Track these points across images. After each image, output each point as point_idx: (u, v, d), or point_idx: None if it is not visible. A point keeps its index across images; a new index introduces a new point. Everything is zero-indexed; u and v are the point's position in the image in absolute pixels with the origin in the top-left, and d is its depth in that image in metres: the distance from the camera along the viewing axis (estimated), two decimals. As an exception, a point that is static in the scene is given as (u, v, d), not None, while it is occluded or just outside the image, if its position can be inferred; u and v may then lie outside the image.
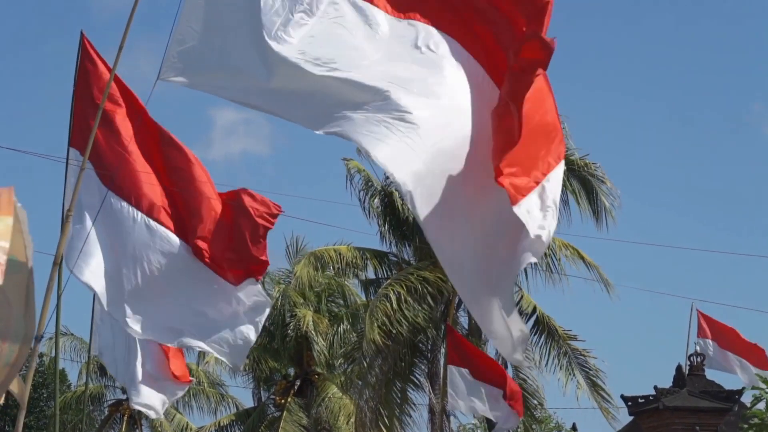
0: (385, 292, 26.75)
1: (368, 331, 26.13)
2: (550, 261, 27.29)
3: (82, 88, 11.93)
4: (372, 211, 28.97)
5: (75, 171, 11.28)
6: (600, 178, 28.08)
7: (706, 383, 28.92)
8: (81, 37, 12.09)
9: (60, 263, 9.79)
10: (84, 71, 11.99)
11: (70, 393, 43.10)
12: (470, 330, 28.06)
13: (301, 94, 8.08)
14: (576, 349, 27.82)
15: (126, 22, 9.44)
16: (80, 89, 11.94)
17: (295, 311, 37.30)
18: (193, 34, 8.58)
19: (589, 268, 27.48)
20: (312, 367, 38.15)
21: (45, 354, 46.05)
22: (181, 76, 8.56)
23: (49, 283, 9.43)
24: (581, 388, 27.25)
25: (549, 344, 27.75)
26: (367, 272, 30.01)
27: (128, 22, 9.23)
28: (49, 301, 9.27)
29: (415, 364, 28.43)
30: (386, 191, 28.86)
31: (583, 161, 28.07)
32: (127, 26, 9.41)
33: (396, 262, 29.25)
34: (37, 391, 53.14)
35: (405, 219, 28.55)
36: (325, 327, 36.97)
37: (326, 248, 29.51)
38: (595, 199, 28.00)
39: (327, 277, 35.85)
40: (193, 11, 8.60)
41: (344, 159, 29.20)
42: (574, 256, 27.44)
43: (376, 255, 29.38)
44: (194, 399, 43.19)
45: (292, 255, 39.52)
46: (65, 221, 9.87)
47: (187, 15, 8.60)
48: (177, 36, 8.57)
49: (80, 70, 12.01)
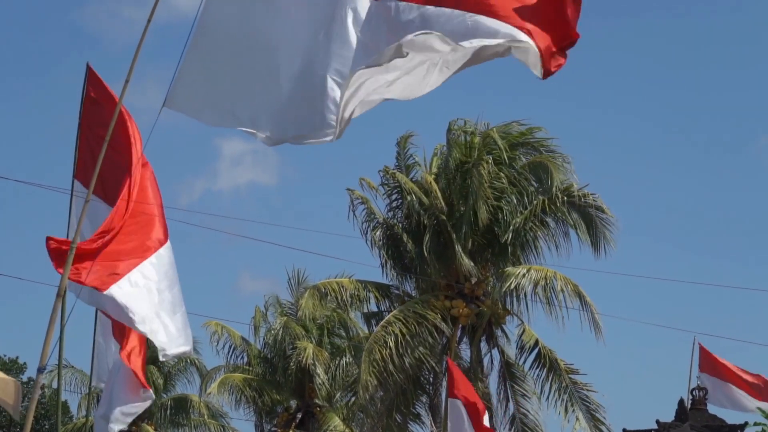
0: (383, 333, 26.81)
1: (363, 372, 26.25)
2: (551, 295, 27.26)
3: (87, 120, 11.91)
4: (374, 244, 28.99)
5: (80, 203, 11.31)
6: (600, 209, 28.09)
7: (709, 417, 28.78)
8: (87, 69, 12.06)
9: (63, 295, 9.77)
10: (90, 103, 11.97)
11: (71, 425, 43.03)
12: (472, 363, 28.04)
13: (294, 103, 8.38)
14: (577, 383, 27.78)
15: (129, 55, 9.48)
16: (86, 122, 11.92)
17: (296, 344, 37.30)
18: (199, 66, 8.67)
19: (584, 305, 27.44)
20: (313, 400, 38.11)
21: (46, 386, 45.95)
22: (185, 106, 8.66)
23: (51, 315, 9.40)
24: (580, 424, 27.19)
25: (551, 378, 27.70)
26: (370, 305, 30.00)
27: (134, 58, 9.27)
28: (51, 333, 9.25)
29: (417, 397, 28.40)
30: (388, 224, 28.90)
31: (582, 192, 28.08)
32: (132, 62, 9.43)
33: (398, 295, 29.25)
34: (39, 423, 52.99)
35: (407, 251, 28.57)
36: (326, 359, 36.95)
37: (329, 281, 29.51)
38: (595, 231, 28.00)
39: (329, 310, 35.85)
40: (200, 43, 8.70)
41: (348, 189, 29.25)
42: (573, 293, 27.41)
43: (378, 287, 29.38)
44: (196, 431, 43.08)
45: (294, 287, 39.56)
46: (69, 254, 9.82)
47: (194, 47, 8.69)
48: (183, 67, 8.67)
49: (86, 102, 11.98)
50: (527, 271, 27.31)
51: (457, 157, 28.34)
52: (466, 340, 28.61)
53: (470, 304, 27.99)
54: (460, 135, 28.70)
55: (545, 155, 28.42)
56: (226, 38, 8.73)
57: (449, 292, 28.13)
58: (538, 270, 27.58)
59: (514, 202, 28.15)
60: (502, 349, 28.66)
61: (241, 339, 40.30)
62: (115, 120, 10.14)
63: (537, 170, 28.22)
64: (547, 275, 27.38)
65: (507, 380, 28.38)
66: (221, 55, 8.74)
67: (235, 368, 40.12)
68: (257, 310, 41.06)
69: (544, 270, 27.64)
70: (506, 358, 28.58)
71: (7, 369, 55.57)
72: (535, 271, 27.45)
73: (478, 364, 28.00)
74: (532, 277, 27.22)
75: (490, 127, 28.45)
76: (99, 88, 12.02)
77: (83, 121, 11.96)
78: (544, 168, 27.91)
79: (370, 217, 29.07)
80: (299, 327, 37.78)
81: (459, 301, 27.92)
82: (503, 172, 28.11)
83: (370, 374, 26.31)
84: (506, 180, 28.14)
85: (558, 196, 27.65)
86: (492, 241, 28.46)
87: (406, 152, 29.09)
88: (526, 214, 27.90)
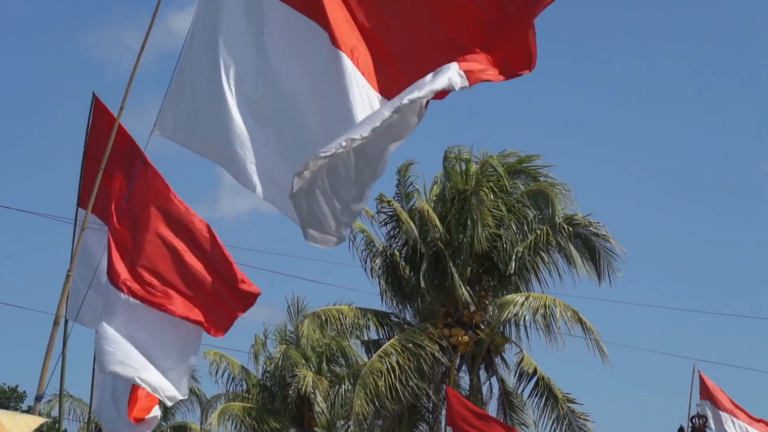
0: (378, 363, 26.81)
1: (357, 402, 26.24)
2: (551, 322, 27.25)
3: (92, 149, 11.91)
4: (374, 272, 29.01)
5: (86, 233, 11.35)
6: (604, 237, 28.12)
7: (709, 445, 28.73)
8: (93, 98, 12.07)
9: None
10: (95, 132, 11.97)
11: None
12: (471, 391, 28.00)
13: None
14: (575, 412, 27.75)
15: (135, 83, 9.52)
16: (91, 151, 11.92)
17: (295, 372, 37.28)
18: (185, 96, 8.79)
19: (586, 331, 27.41)
20: (313, 428, 38.02)
21: (45, 414, 45.87)
22: (174, 134, 8.76)
23: (49, 343, 9.39)
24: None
25: (549, 407, 27.67)
26: (369, 332, 30.00)
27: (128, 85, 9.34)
28: (49, 361, 9.24)
29: (416, 426, 28.36)
30: (388, 252, 28.94)
31: (586, 220, 28.12)
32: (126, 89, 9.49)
33: (398, 323, 29.24)
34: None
35: (406, 280, 28.59)
36: (325, 387, 36.93)
37: (328, 308, 29.53)
38: (598, 259, 28.01)
39: (329, 338, 35.85)
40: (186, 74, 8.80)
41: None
42: (573, 319, 27.40)
43: (378, 315, 29.38)
44: (196, 459, 43.00)
45: (294, 314, 39.57)
46: (65, 281, 9.82)
47: (181, 77, 8.80)
48: (171, 95, 8.77)
49: (92, 131, 12.00)
50: (526, 299, 27.32)
51: (454, 185, 28.39)
52: (465, 368, 28.60)
53: (469, 332, 27.99)
54: (456, 163, 28.77)
55: (544, 183, 28.47)
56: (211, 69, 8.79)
57: (448, 320, 28.13)
58: (537, 297, 27.59)
59: (514, 230, 28.18)
60: (501, 378, 28.65)
61: (241, 368, 40.28)
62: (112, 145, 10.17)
63: (536, 198, 28.26)
64: (546, 302, 27.40)
65: (506, 409, 28.34)
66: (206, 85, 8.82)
67: (234, 396, 40.09)
68: (257, 338, 41.10)
69: (543, 297, 27.65)
70: (505, 386, 28.55)
71: (7, 397, 55.53)
72: (534, 299, 27.46)
73: (478, 393, 27.96)
74: (531, 305, 27.23)
75: (489, 155, 28.52)
76: (105, 118, 12.02)
77: (88, 150, 11.96)
78: (544, 196, 27.95)
79: (370, 245, 29.12)
80: (299, 354, 37.77)
81: (458, 329, 27.92)
82: (502, 199, 28.16)
83: (365, 403, 26.28)
84: (505, 208, 28.18)
85: (562, 225, 27.66)
86: (491, 269, 28.48)
87: (406, 180, 29.15)
88: (527, 243, 27.91)
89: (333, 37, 8.22)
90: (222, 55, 8.62)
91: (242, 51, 8.67)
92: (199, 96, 8.80)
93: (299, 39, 8.49)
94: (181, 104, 8.89)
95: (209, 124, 8.66)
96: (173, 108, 8.88)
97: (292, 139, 8.49)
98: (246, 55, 8.66)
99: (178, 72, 8.85)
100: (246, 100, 8.57)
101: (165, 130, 8.89)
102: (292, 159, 8.25)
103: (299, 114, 8.46)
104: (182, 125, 8.86)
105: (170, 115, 8.86)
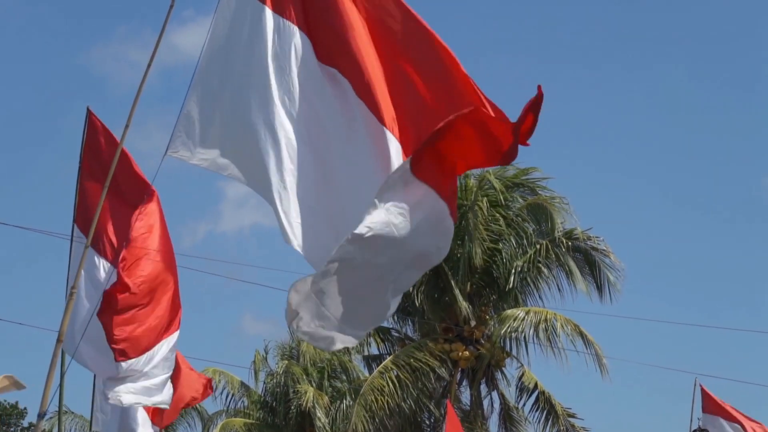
0: (379, 379, 26.81)
1: (355, 418, 26.24)
2: (552, 336, 27.26)
3: (88, 165, 11.87)
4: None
5: (80, 248, 11.33)
6: (603, 252, 28.13)
7: (711, 459, 28.71)
8: (87, 113, 12.02)
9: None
10: (90, 148, 11.91)
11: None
12: (472, 406, 28.00)
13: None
14: (575, 427, 27.74)
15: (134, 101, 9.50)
16: (86, 167, 11.87)
17: (296, 387, 37.28)
18: (201, 112, 8.72)
19: (587, 345, 27.41)
20: (314, 444, 37.97)
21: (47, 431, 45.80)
22: (187, 153, 8.70)
23: (52, 360, 9.35)
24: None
25: (549, 421, 27.67)
26: (370, 348, 30.00)
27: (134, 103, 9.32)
28: (52, 378, 9.21)
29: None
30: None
31: (586, 235, 28.15)
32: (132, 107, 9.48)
33: (398, 338, 29.25)
34: (39, 469, 52.69)
35: (407, 295, 28.60)
36: (326, 403, 36.91)
37: (329, 324, 29.50)
38: (598, 273, 28.03)
39: (330, 353, 35.84)
40: (202, 89, 8.75)
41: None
42: (574, 333, 27.41)
43: (379, 330, 29.39)
44: (197, 476, 42.92)
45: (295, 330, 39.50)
46: (69, 298, 9.79)
47: (196, 93, 8.75)
48: (185, 113, 8.72)
49: (86, 146, 11.93)
50: (526, 314, 27.33)
51: (452, 200, 28.35)
52: (466, 383, 28.59)
53: (470, 347, 28.00)
54: (454, 178, 28.74)
55: (543, 196, 28.50)
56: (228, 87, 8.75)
57: (449, 335, 28.14)
58: (538, 312, 27.59)
59: (513, 244, 28.19)
60: (502, 393, 28.65)
61: (240, 384, 40.25)
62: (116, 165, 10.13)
63: (535, 212, 28.28)
64: (547, 317, 27.40)
65: (507, 423, 28.34)
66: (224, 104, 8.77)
67: (236, 413, 40.05)
68: (257, 354, 41.07)
69: (543, 312, 27.66)
70: (506, 401, 28.55)
71: (7, 414, 55.42)
72: (535, 313, 27.47)
73: (478, 408, 27.97)
74: (532, 319, 27.24)
75: (485, 170, 28.56)
76: (100, 132, 11.97)
77: (83, 166, 11.90)
78: (542, 210, 27.98)
79: (370, 260, 29.07)
80: (300, 370, 37.76)
81: (458, 344, 27.93)
82: (500, 214, 28.18)
83: (363, 420, 26.27)
84: (504, 222, 28.21)
85: (561, 240, 27.68)
86: (491, 284, 28.49)
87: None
88: (526, 257, 27.93)
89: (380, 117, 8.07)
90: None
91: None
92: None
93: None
94: (202, 120, 8.76)
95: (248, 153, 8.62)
96: (192, 124, 8.76)
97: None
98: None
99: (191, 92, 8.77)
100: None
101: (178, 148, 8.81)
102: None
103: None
104: (201, 144, 8.77)
105: (187, 132, 8.76)
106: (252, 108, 8.50)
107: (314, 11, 8.54)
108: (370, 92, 8.00)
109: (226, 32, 8.76)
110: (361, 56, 8.13)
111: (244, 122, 8.55)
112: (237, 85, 8.65)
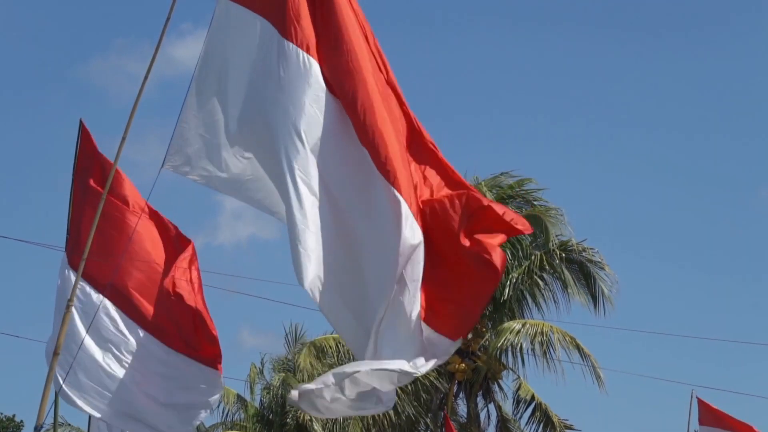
0: None
1: None
2: (548, 348, 27.25)
3: (80, 178, 11.76)
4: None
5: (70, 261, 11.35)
6: (598, 264, 28.14)
7: (707, 471, 28.68)
8: (80, 126, 11.91)
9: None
10: (82, 161, 11.81)
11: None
12: (468, 418, 27.98)
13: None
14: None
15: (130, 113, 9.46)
16: (78, 179, 11.77)
17: (294, 400, 37.26)
18: (197, 127, 8.70)
19: (584, 357, 27.41)
20: (311, 456, 37.91)
21: (43, 444, 45.74)
22: (184, 167, 8.68)
23: (48, 373, 9.34)
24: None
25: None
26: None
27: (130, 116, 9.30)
28: (48, 391, 9.20)
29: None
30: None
31: (581, 246, 28.15)
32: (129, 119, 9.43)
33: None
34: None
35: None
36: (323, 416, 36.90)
37: (325, 337, 29.51)
38: (593, 285, 28.03)
39: (327, 366, 35.81)
40: (197, 104, 8.74)
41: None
42: (570, 345, 27.40)
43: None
44: (193, 489, 42.86)
45: (291, 343, 39.50)
46: (66, 311, 9.74)
47: (191, 107, 8.73)
48: (181, 127, 8.70)
49: (79, 159, 11.81)
50: (523, 326, 27.32)
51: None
52: (463, 395, 28.57)
53: (466, 360, 27.97)
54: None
55: (538, 208, 28.51)
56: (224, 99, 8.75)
57: (445, 348, 28.11)
58: (534, 324, 27.58)
59: (509, 256, 28.21)
60: (499, 405, 28.62)
61: (236, 397, 40.19)
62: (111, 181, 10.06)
63: (530, 223, 28.21)
64: (543, 329, 27.39)
65: (503, 436, 28.34)
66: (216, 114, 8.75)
67: (233, 425, 39.99)
68: (252, 367, 41.00)
69: (539, 324, 27.65)
70: (503, 413, 28.52)
71: (4, 427, 55.34)
72: (531, 326, 27.45)
73: (475, 420, 27.94)
74: (528, 332, 27.23)
75: (479, 181, 28.55)
76: (91, 146, 11.85)
77: (76, 178, 11.81)
78: (538, 221, 27.99)
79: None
80: (297, 383, 37.71)
81: (455, 356, 27.90)
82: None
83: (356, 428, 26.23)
84: (499, 234, 28.15)
85: (555, 251, 27.68)
86: (487, 296, 28.46)
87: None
88: (521, 269, 27.93)
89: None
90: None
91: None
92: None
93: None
94: (197, 135, 8.74)
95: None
96: (187, 139, 8.74)
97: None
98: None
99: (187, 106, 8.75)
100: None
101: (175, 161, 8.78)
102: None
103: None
104: (197, 159, 8.74)
105: (183, 147, 8.74)
106: (252, 123, 8.52)
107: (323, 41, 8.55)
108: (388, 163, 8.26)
109: (222, 44, 8.76)
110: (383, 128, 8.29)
111: (244, 135, 8.56)
112: (235, 98, 8.66)
